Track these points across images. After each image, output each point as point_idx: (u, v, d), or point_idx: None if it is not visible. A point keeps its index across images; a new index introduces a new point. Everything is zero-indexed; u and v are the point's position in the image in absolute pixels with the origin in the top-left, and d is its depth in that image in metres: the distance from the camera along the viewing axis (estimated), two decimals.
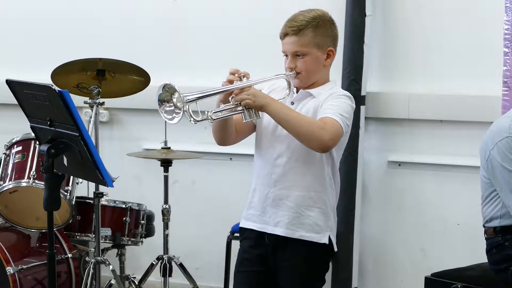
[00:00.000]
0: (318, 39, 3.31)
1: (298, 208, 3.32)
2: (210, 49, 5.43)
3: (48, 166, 3.40)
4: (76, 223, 4.82)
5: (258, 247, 3.38)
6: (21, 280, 4.64)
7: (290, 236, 3.32)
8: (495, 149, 3.74)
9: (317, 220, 3.33)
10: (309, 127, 3.18)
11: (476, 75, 4.87)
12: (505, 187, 3.73)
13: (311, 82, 3.37)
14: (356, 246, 5.07)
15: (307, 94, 3.36)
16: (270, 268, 3.38)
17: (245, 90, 3.21)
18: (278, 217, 3.33)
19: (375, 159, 5.15)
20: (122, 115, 5.71)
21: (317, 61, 3.34)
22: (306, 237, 3.32)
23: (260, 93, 3.24)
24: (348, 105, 3.31)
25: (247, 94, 3.20)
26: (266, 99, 3.22)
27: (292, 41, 3.31)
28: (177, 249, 5.11)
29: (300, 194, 3.32)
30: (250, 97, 3.19)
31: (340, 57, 5.00)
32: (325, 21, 3.35)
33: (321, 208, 3.34)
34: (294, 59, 3.33)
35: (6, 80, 3.54)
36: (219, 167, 5.48)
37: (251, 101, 3.19)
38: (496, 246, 3.83)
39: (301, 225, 3.32)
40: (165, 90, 3.15)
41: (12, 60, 5.83)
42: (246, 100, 3.19)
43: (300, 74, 3.33)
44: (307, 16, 3.32)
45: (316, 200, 3.33)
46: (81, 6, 5.72)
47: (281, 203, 3.33)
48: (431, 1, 4.98)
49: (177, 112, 3.15)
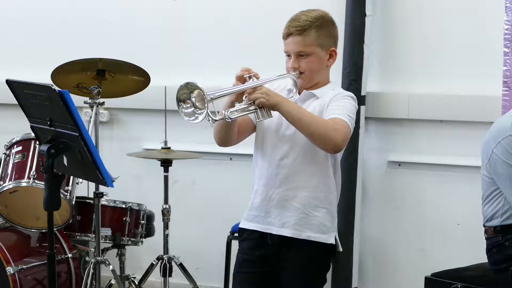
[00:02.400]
0: (321, 39, 3.32)
1: (305, 208, 3.31)
2: (210, 49, 5.43)
3: (48, 166, 3.40)
4: (76, 223, 4.82)
5: (259, 248, 3.38)
6: (21, 280, 4.63)
7: (297, 237, 3.32)
8: (498, 148, 3.75)
9: (324, 220, 3.33)
10: (323, 128, 3.17)
11: (476, 75, 4.87)
12: (508, 184, 3.74)
13: (314, 83, 3.37)
14: (356, 246, 5.07)
15: (311, 95, 3.36)
16: (271, 269, 3.38)
17: (258, 89, 3.21)
18: (285, 218, 3.33)
19: (375, 159, 5.15)
20: (122, 115, 5.71)
21: (320, 61, 3.34)
22: (313, 237, 3.32)
23: (273, 92, 3.24)
24: (353, 106, 3.32)
25: (261, 93, 3.19)
26: (279, 98, 3.22)
27: (296, 41, 3.31)
28: (177, 249, 5.11)
29: (307, 195, 3.31)
30: (264, 96, 3.18)
31: (340, 57, 4.99)
32: (327, 21, 3.36)
33: (328, 209, 3.34)
34: (297, 59, 3.33)
35: (6, 80, 3.54)
36: (219, 167, 5.48)
37: (264, 100, 3.18)
38: (496, 246, 3.84)
39: (308, 226, 3.32)
40: (185, 88, 3.13)
41: (12, 60, 5.83)
42: (260, 99, 3.18)
43: (303, 74, 3.33)
44: (310, 16, 3.32)
45: (323, 200, 3.33)
46: (81, 6, 5.72)
47: (287, 204, 3.32)
48: (431, 1, 4.98)
49: (199, 112, 3.11)
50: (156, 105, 5.20)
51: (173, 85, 5.18)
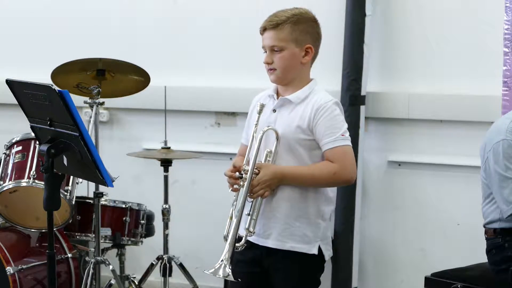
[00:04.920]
0: (296, 34, 3.31)
1: (287, 219, 3.33)
2: (210, 49, 5.43)
3: (48, 166, 3.40)
4: (76, 223, 4.82)
5: (252, 250, 3.39)
6: (21, 280, 4.63)
7: (280, 248, 3.34)
8: (491, 151, 3.74)
9: (305, 230, 3.34)
10: (328, 180, 3.28)
11: (476, 75, 4.87)
12: (496, 190, 3.73)
13: (288, 79, 3.36)
14: (356, 246, 5.07)
15: (287, 101, 3.36)
16: (264, 270, 3.40)
17: (254, 186, 3.25)
18: (269, 229, 3.35)
19: (375, 159, 5.15)
20: (122, 115, 5.71)
21: (293, 57, 3.33)
22: (296, 248, 3.33)
23: (269, 176, 3.26)
24: (341, 117, 3.33)
25: (261, 188, 3.25)
26: (277, 177, 3.27)
27: (270, 35, 3.33)
28: (177, 249, 5.12)
29: (288, 205, 3.33)
30: (266, 189, 3.26)
31: (340, 57, 5.00)
32: (306, 18, 3.35)
33: (310, 219, 3.35)
34: (271, 54, 3.34)
35: (6, 80, 3.54)
36: (219, 167, 5.43)
37: (268, 192, 3.26)
38: (496, 247, 3.83)
39: (290, 236, 3.33)
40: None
41: (12, 60, 5.83)
42: (265, 194, 3.26)
43: (275, 70, 3.34)
44: (288, 12, 3.34)
45: (305, 211, 3.34)
46: (81, 6, 5.72)
47: (270, 215, 3.34)
48: (431, 1, 4.98)
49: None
50: (156, 105, 5.20)
51: (173, 85, 5.23)
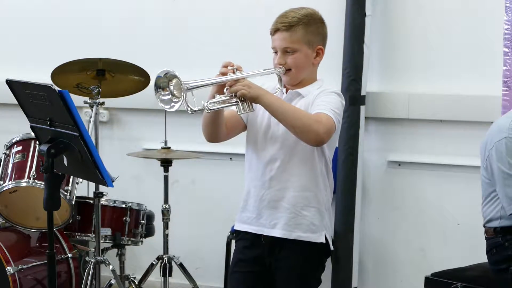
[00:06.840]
0: (308, 36, 3.32)
1: (294, 208, 3.32)
2: (210, 49, 5.43)
3: (48, 166, 3.40)
4: (76, 223, 4.82)
5: (253, 248, 3.39)
6: (21, 280, 4.64)
7: (287, 237, 3.33)
8: (493, 149, 3.74)
9: (313, 219, 3.34)
10: (305, 120, 3.18)
11: (476, 75, 4.87)
12: (500, 187, 3.73)
13: (300, 79, 3.37)
14: (356, 246, 5.07)
15: (296, 94, 3.37)
16: (266, 269, 3.39)
17: (240, 81, 3.22)
18: (275, 219, 3.34)
19: (375, 159, 5.16)
20: (122, 115, 5.71)
21: (306, 58, 3.34)
22: (303, 237, 3.33)
23: (254, 84, 3.24)
24: (339, 102, 3.32)
25: (242, 85, 3.20)
26: (261, 90, 3.23)
27: (283, 37, 3.32)
28: (177, 249, 5.12)
29: (295, 195, 3.32)
30: (245, 88, 3.19)
31: (340, 57, 5.00)
32: (316, 19, 3.36)
33: (316, 208, 3.34)
34: (284, 55, 3.34)
35: (6, 80, 3.54)
36: (219, 167, 5.48)
37: (246, 92, 3.19)
38: (496, 247, 3.83)
39: (298, 226, 3.33)
40: (164, 77, 3.15)
41: (12, 60, 5.83)
42: (241, 90, 3.20)
43: (289, 71, 3.34)
44: (298, 13, 3.33)
45: (311, 199, 3.33)
46: (81, 6, 5.72)
47: (277, 205, 3.33)
48: (431, 1, 4.98)
49: (176, 100, 3.14)
50: (156, 105, 5.11)
51: None
